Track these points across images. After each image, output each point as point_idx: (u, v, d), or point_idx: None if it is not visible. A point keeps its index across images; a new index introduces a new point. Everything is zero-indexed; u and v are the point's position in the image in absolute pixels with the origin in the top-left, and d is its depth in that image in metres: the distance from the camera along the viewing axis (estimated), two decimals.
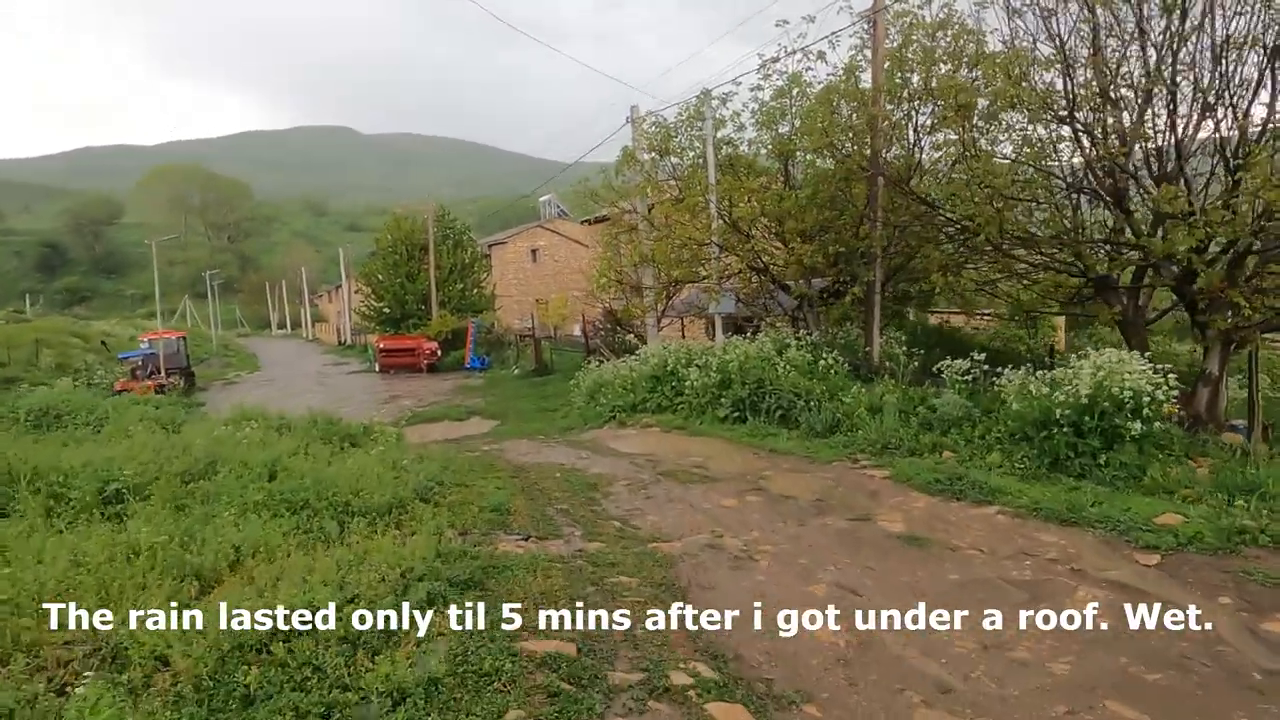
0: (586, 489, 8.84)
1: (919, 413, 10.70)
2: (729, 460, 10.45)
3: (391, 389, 29.68)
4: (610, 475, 9.61)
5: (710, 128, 16.82)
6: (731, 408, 12.74)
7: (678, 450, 11.32)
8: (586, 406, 16.99)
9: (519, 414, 20.84)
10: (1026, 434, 8.89)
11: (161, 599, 4.23)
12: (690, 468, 10.00)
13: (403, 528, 6.25)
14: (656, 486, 8.96)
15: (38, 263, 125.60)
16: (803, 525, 7.10)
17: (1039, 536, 6.49)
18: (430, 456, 9.91)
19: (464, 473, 9.19)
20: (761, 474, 9.49)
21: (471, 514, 7.05)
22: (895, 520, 7.12)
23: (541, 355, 29.64)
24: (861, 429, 10.72)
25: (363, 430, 10.08)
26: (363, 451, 8.61)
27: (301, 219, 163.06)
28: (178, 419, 11.48)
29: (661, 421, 13.67)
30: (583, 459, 10.99)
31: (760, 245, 14.92)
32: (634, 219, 19.57)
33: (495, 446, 13.49)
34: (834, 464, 9.77)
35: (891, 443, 10.11)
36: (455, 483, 8.35)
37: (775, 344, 14.39)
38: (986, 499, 7.54)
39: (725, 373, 13.26)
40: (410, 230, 41.62)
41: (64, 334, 41.94)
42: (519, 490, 8.60)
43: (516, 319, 43.64)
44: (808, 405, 11.85)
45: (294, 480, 6.50)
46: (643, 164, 18.75)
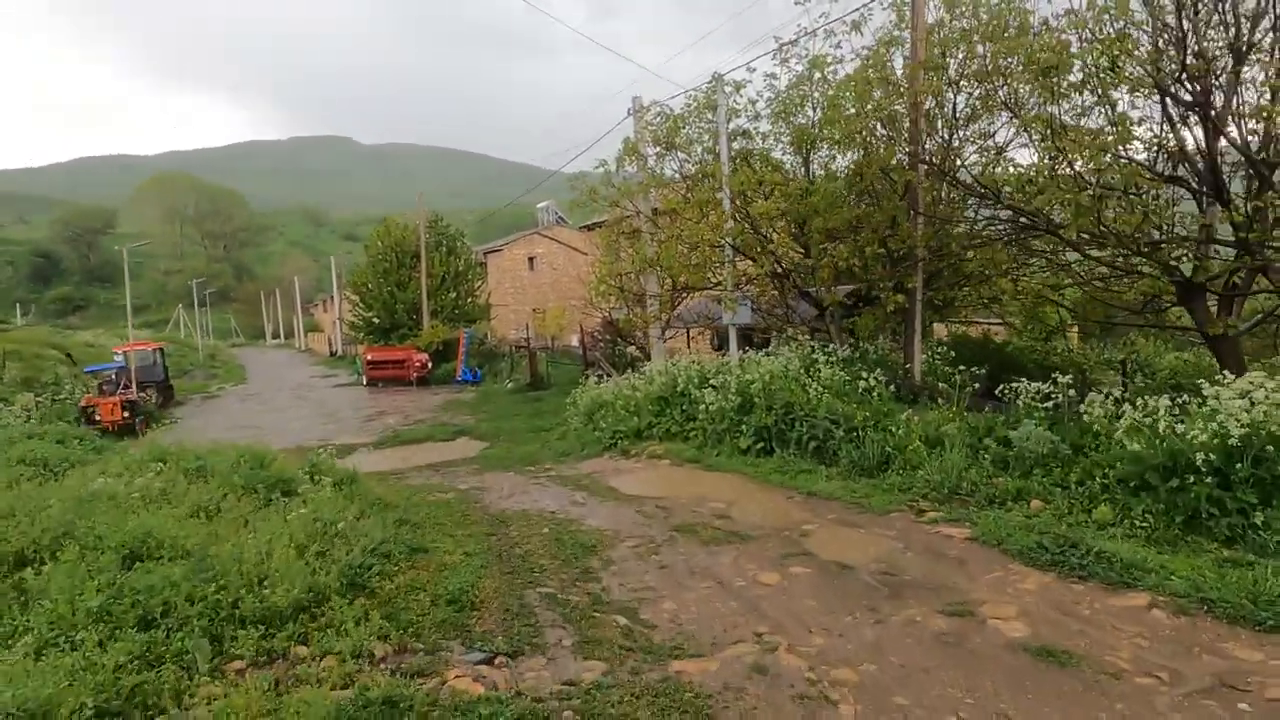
0: (582, 554, 6.85)
1: (988, 447, 8.72)
2: (758, 506, 8.47)
3: (377, 404, 27.73)
4: (612, 531, 7.62)
5: (723, 116, 14.92)
6: (755, 437, 10.77)
7: (693, 491, 9.34)
8: (584, 429, 15.03)
9: (511, 434, 18.87)
10: (1147, 482, 6.91)
11: None
12: (712, 518, 8.02)
13: (311, 644, 4.28)
14: (672, 549, 6.98)
15: (31, 273, 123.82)
16: (882, 623, 5.12)
17: (1230, 650, 4.51)
18: (386, 505, 7.94)
19: (425, 530, 7.22)
20: (803, 528, 7.51)
21: (419, 610, 5.07)
22: (1008, 614, 5.13)
23: (537, 368, 27.69)
24: (920, 467, 8.74)
25: (308, 469, 8.11)
26: (296, 505, 6.66)
27: (299, 229, 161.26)
28: (73, 458, 9.49)
29: (671, 451, 11.69)
30: (578, 504, 9.00)
31: (780, 247, 12.97)
32: (637, 221, 17.64)
33: (477, 482, 11.51)
34: (892, 514, 7.80)
35: (961, 487, 8.13)
36: (409, 550, 6.37)
37: (802, 360, 12.44)
38: (1123, 579, 5.56)
39: (746, 395, 11.29)
40: (401, 236, 39.67)
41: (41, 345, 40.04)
42: (493, 558, 6.62)
43: (513, 329, 41.71)
44: (848, 435, 9.87)
45: (161, 570, 4.55)
46: (646, 159, 16.86)
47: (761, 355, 12.63)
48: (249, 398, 33.25)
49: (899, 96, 12.60)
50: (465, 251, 41.09)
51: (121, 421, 22.22)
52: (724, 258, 14.39)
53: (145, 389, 28.15)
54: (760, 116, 15.69)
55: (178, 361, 50.34)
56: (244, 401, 31.68)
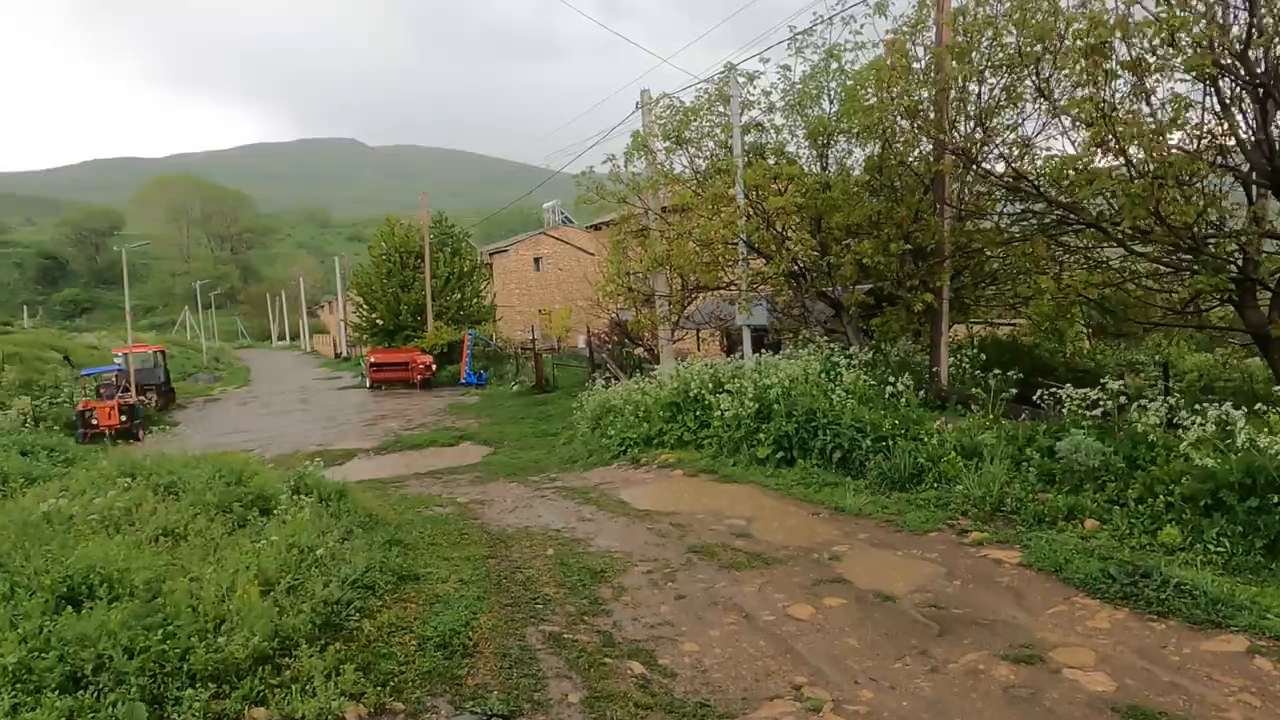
0: (590, 580, 6.17)
1: (1031, 459, 8.02)
2: (781, 523, 7.78)
3: (380, 407, 27.14)
4: (623, 553, 6.94)
5: (737, 107, 14.23)
6: (774, 446, 10.06)
7: (710, 505, 8.65)
8: (591, 435, 14.36)
9: (515, 440, 18.24)
10: (1220, 501, 6.19)
11: None
12: (732, 537, 7.33)
13: (270, 705, 3.62)
14: (690, 575, 6.29)
15: (38, 275, 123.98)
16: (937, 671, 4.42)
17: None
18: (376, 522, 7.28)
19: (418, 552, 6.56)
20: (833, 549, 6.82)
21: (402, 657, 4.40)
22: (1085, 661, 4.43)
23: (542, 371, 27.03)
24: (957, 480, 8.03)
25: (292, 483, 7.45)
26: (273, 526, 6.00)
27: (305, 230, 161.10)
28: (36, 473, 8.80)
29: (684, 461, 10.99)
30: (585, 520, 8.32)
31: (798, 244, 12.23)
32: (645, 220, 16.94)
33: (478, 493, 10.85)
34: (931, 533, 7.09)
35: (1004, 503, 7.43)
36: (397, 579, 5.71)
37: (821, 364, 11.73)
38: (1210, 617, 4.85)
39: (764, 401, 10.59)
40: (405, 236, 39.02)
41: (42, 348, 39.62)
42: (492, 586, 5.95)
43: (518, 330, 41.04)
44: (876, 445, 9.17)
45: (98, 614, 3.87)
46: (655, 154, 16.17)
47: (779, 358, 11.92)
48: (250, 401, 32.74)
49: (923, 85, 11.89)
50: (470, 252, 40.42)
51: (119, 426, 21.64)
52: (738, 256, 13.68)
53: (145, 392, 27.65)
54: (774, 109, 15.02)
55: (181, 364, 50.01)
56: (245, 405, 31.18)
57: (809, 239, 11.31)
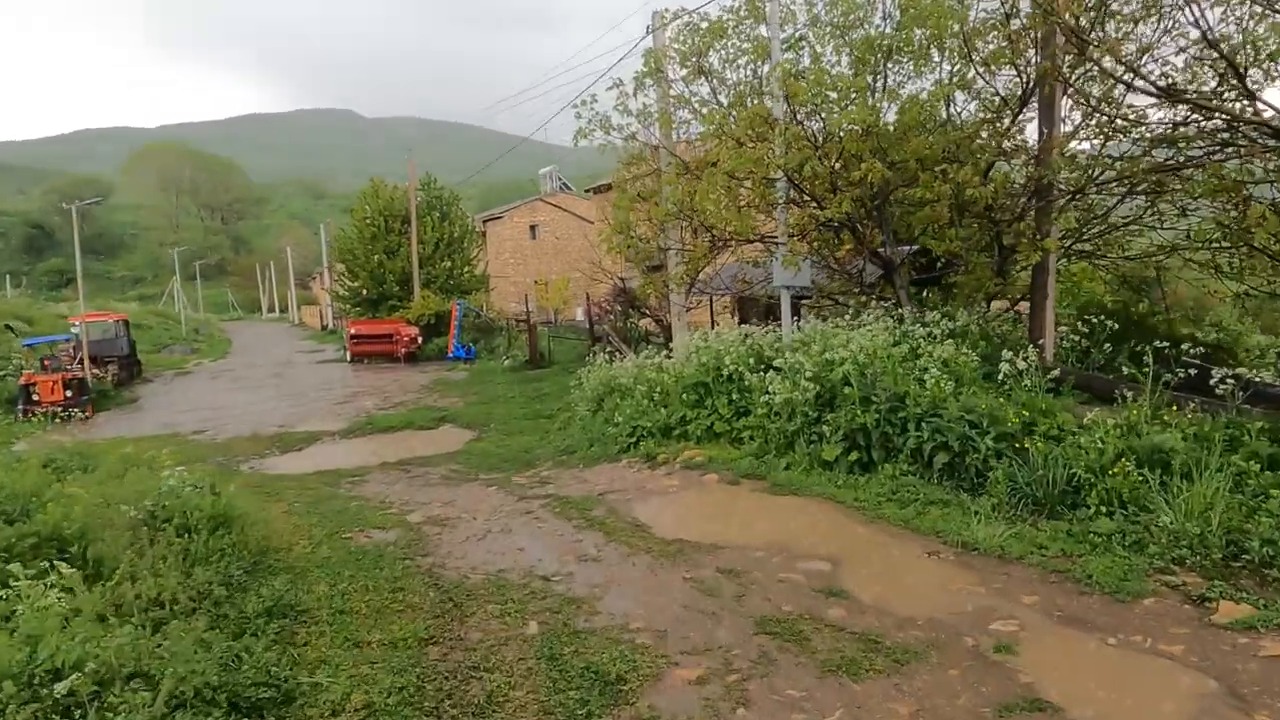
0: (598, 700, 3.49)
1: (1259, 477, 5.34)
2: (887, 570, 5.10)
3: (359, 382, 24.54)
4: (652, 635, 4.24)
5: (774, 13, 11.34)
6: (846, 443, 7.34)
7: (769, 533, 5.95)
8: (592, 420, 11.72)
9: (504, 422, 15.65)
10: None
11: None
12: (820, 599, 4.64)
13: None
14: (770, 688, 3.60)
15: (24, 244, 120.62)
16: None
17: None
18: (269, 569, 4.59)
19: (310, 633, 3.89)
20: (992, 627, 4.15)
21: None
22: None
23: (537, 344, 24.34)
24: (1147, 505, 5.35)
25: (150, 506, 4.79)
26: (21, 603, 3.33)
27: (299, 201, 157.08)
28: None
29: (718, 460, 8.28)
30: (587, 560, 5.61)
31: (870, 173, 9.26)
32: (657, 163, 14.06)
33: (445, 502, 8.17)
34: (1146, 601, 4.41)
35: (1246, 547, 4.76)
36: (248, 706, 3.03)
37: (890, 334, 8.98)
38: None
39: (828, 382, 7.85)
40: (390, 199, 36.01)
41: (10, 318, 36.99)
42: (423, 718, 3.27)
43: (513, 302, 38.26)
44: (999, 447, 6.46)
45: None
46: (671, 83, 13.28)
47: (850, 327, 9.15)
48: (222, 374, 30.11)
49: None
50: (461, 217, 37.41)
51: (64, 402, 19.08)
52: (777, 198, 10.84)
53: (105, 364, 25.07)
54: (819, 20, 12.13)
55: (159, 335, 47.34)
56: (215, 379, 28.61)
57: (879, 167, 8.51)
